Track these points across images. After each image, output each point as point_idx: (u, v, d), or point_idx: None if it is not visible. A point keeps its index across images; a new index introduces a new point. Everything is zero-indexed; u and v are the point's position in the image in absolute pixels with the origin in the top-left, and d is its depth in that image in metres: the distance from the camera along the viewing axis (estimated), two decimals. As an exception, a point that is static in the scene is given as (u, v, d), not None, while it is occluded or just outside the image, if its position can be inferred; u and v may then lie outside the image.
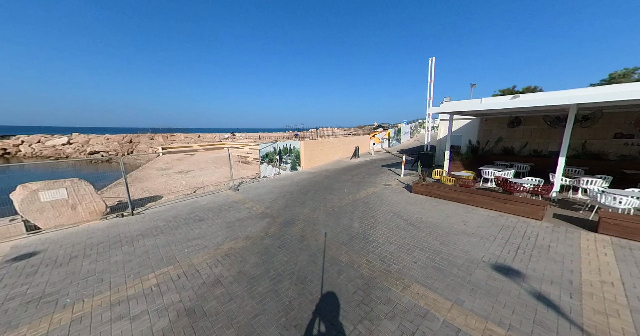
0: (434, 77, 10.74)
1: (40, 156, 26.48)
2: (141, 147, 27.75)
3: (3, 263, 4.04)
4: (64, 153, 26.86)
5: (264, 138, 35.29)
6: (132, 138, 30.28)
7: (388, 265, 3.51)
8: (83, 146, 27.96)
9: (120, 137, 30.32)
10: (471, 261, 3.51)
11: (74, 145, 28.29)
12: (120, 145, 27.73)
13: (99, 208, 6.12)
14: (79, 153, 26.56)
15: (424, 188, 6.65)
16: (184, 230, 5.20)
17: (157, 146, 27.47)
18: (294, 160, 11.68)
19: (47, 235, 5.16)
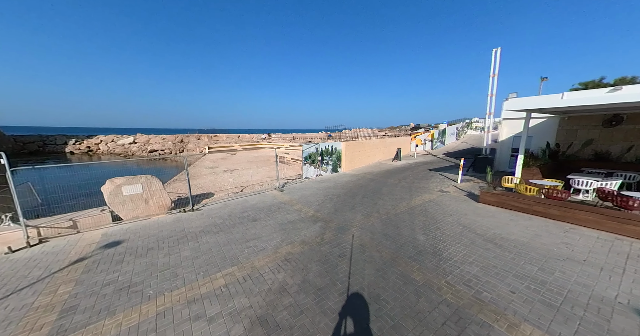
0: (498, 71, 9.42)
1: (114, 153, 31.13)
2: (190, 146, 30.63)
3: (97, 249, 4.58)
4: (130, 151, 31.12)
5: (298, 138, 36.02)
6: (182, 138, 33.66)
7: (477, 292, 2.98)
8: (145, 145, 32.02)
9: (174, 137, 33.95)
10: (600, 301, 2.76)
11: (138, 144, 32.60)
12: (173, 144, 31.04)
13: (166, 203, 6.69)
14: (142, 151, 30.49)
15: (496, 198, 5.76)
16: (240, 229, 5.32)
17: (204, 146, 30.05)
18: (335, 161, 11.46)
19: (128, 225, 5.77)
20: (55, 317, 2.94)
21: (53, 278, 3.72)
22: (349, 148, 11.85)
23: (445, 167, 12.52)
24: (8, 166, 4.61)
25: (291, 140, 33.61)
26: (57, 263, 4.13)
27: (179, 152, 29.26)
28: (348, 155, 11.83)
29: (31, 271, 3.91)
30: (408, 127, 49.19)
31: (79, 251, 4.55)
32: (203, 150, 29.18)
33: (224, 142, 30.91)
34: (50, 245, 4.82)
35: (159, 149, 29.96)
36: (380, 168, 12.39)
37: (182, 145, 31.14)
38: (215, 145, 25.84)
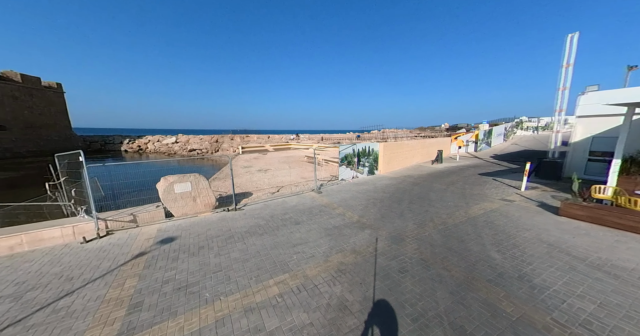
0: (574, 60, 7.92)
1: (159, 152, 34.35)
2: (224, 146, 32.40)
3: (155, 245, 4.79)
4: (173, 150, 34.02)
5: (326, 139, 35.89)
6: (217, 139, 35.80)
7: (604, 340, 2.32)
8: (185, 144, 34.76)
9: (210, 137, 36.29)
10: None
11: (179, 143, 35.53)
12: (210, 144, 33.16)
13: (211, 201, 6.89)
14: (182, 150, 33.13)
15: (587, 211, 4.74)
16: (285, 232, 5.17)
17: (237, 146, 31.54)
18: (371, 163, 10.91)
19: (178, 222, 6.02)
20: (124, 313, 3.02)
21: (120, 271, 3.92)
22: (386, 149, 11.20)
23: (497, 171, 11.13)
24: (85, 163, 5.07)
25: (319, 141, 33.60)
26: (122, 256, 4.39)
27: (215, 152, 31.12)
28: (386, 156, 11.18)
29: (101, 263, 4.18)
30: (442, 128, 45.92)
31: (139, 245, 4.81)
32: (236, 150, 30.66)
33: (255, 142, 32.08)
34: (116, 237, 5.19)
35: (197, 148, 32.25)
36: (420, 171, 11.50)
37: (217, 145, 33.09)
38: (248, 145, 26.91)
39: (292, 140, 34.72)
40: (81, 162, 5.10)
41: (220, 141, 34.40)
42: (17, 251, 4.62)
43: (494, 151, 18.42)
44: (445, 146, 16.73)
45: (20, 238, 4.65)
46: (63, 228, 5.00)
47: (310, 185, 9.87)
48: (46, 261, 4.23)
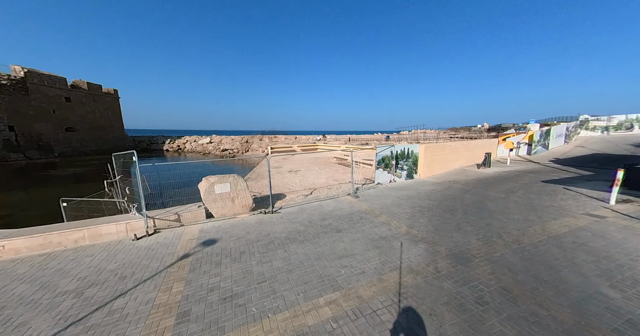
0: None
1: (195, 151, 36.86)
2: (254, 146, 33.53)
3: (198, 246, 4.77)
4: (207, 149, 36.23)
5: (353, 140, 35.10)
6: (247, 139, 37.24)
7: None
8: (218, 144, 36.81)
9: (240, 138, 37.91)
10: None
11: (213, 143, 37.74)
12: (240, 145, 34.62)
13: (248, 203, 6.83)
14: (216, 150, 35.09)
15: None
16: (327, 240, 4.79)
17: (265, 146, 32.41)
18: (410, 166, 10.07)
19: (218, 223, 6.02)
20: (173, 322, 2.89)
21: (167, 273, 3.90)
22: (427, 151, 10.25)
23: (565, 178, 9.48)
24: (137, 162, 5.29)
25: (346, 142, 32.96)
26: (168, 257, 4.41)
27: (245, 152, 32.37)
28: (426, 159, 10.24)
29: (150, 262, 4.23)
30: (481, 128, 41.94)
31: (183, 246, 4.83)
32: (265, 150, 31.50)
33: (283, 143, 32.63)
34: (162, 236, 5.32)
35: (229, 148, 33.90)
36: (466, 177, 10.31)
37: (247, 145, 34.41)
38: (276, 145, 27.41)
39: (318, 141, 34.63)
40: (134, 162, 5.33)
41: (250, 141, 35.71)
42: (80, 244, 4.95)
43: (553, 154, 15.97)
44: (491, 148, 14.98)
45: (83, 233, 4.98)
46: (117, 224, 5.26)
47: (344, 188, 9.42)
48: (103, 257, 4.42)
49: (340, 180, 11.70)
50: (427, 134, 37.32)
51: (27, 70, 25.56)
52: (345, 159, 18.11)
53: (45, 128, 27.46)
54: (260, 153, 31.11)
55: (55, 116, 28.42)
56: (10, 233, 4.61)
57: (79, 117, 31.27)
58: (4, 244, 4.43)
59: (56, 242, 4.78)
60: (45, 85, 27.24)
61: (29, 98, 25.70)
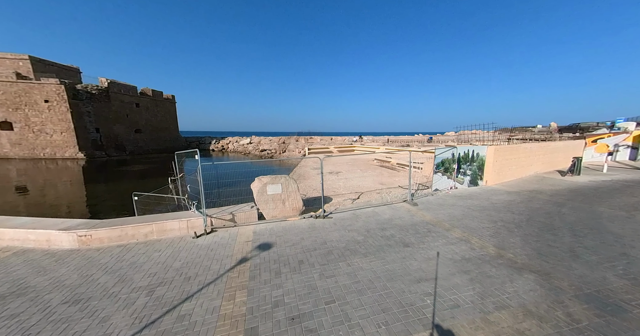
0: None
1: (237, 151, 39.31)
2: (290, 147, 34.26)
3: (254, 250, 4.58)
4: (247, 149, 38.30)
5: (392, 141, 33.28)
6: (284, 140, 38.30)
7: None
8: (257, 145, 38.65)
9: (278, 139, 39.19)
10: None
11: (253, 144, 39.79)
12: (278, 145, 35.74)
13: (299, 205, 6.54)
14: (255, 151, 36.88)
15: None
16: (395, 256, 4.13)
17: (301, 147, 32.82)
18: (475, 171, 8.69)
19: (270, 225, 5.84)
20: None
21: (228, 278, 3.72)
22: (498, 154, 8.72)
23: None
24: (199, 161, 5.39)
25: (385, 143, 31.37)
26: (227, 259, 4.28)
27: (282, 152, 33.25)
28: (496, 163, 8.72)
29: (211, 264, 4.15)
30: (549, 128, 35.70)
31: (240, 248, 4.69)
32: (301, 151, 31.89)
33: (319, 144, 32.60)
34: (219, 236, 5.31)
35: (267, 149, 35.27)
36: (551, 186, 8.46)
37: (284, 146, 35.35)
38: (313, 146, 27.44)
39: (355, 142, 33.72)
40: (197, 160, 5.44)
41: (287, 142, 36.62)
42: (149, 238, 5.21)
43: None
44: (576, 152, 12.28)
45: (152, 227, 5.24)
46: (180, 221, 5.42)
47: (395, 193, 8.57)
48: (169, 254, 4.51)
49: (387, 184, 10.82)
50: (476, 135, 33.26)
51: (109, 81, 30.48)
52: (388, 161, 16.99)
53: (121, 130, 32.34)
54: (297, 153, 31.58)
55: (128, 119, 33.27)
56: (96, 224, 5.07)
57: (145, 120, 36.09)
58: (91, 233, 4.86)
59: (130, 234, 5.11)
60: (122, 93, 32.12)
61: (110, 104, 30.58)
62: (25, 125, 25.87)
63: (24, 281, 3.72)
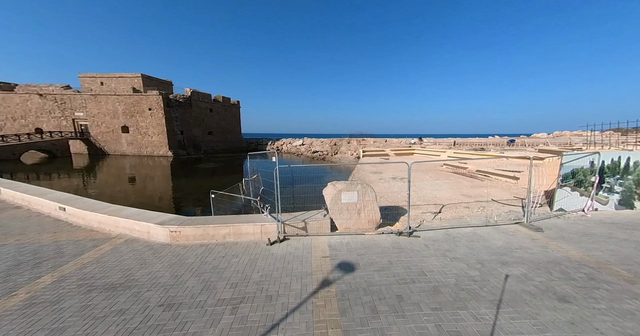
0: None
1: (290, 152, 41.02)
2: (342, 149, 33.61)
3: (335, 271, 3.89)
4: (300, 151, 39.48)
5: (459, 144, 28.89)
6: (336, 142, 37.94)
7: None
8: (309, 147, 39.45)
9: (329, 140, 39.13)
10: None
11: (305, 145, 40.84)
12: (330, 147, 35.61)
13: (375, 218, 5.63)
14: (307, 152, 37.68)
15: None
16: (553, 317, 2.76)
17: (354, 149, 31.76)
18: (630, 187, 6.04)
19: (345, 238, 5.11)
20: None
21: (314, 307, 3.10)
22: (674, 164, 5.83)
23: None
24: (277, 163, 5.09)
25: (451, 146, 27.41)
26: (307, 278, 3.71)
27: (334, 154, 32.90)
28: (671, 178, 5.84)
29: (291, 282, 3.64)
30: None
31: (318, 265, 4.08)
32: (354, 153, 30.86)
33: (372, 146, 30.91)
34: (292, 246, 4.87)
35: (319, 150, 35.54)
36: None
37: (336, 147, 34.98)
38: (368, 149, 26.03)
39: (414, 144, 30.65)
40: (274, 162, 5.16)
41: (338, 144, 36.14)
42: (227, 240, 5.18)
43: None
44: None
45: (229, 229, 5.19)
46: (254, 225, 5.23)
47: (492, 209, 6.73)
48: (247, 262, 4.25)
49: (473, 196, 8.82)
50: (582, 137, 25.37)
51: (192, 90, 36.11)
52: (463, 168, 14.35)
53: (198, 133, 37.91)
54: (349, 156, 30.71)
55: (204, 123, 38.75)
56: (183, 221, 5.31)
57: (216, 124, 41.40)
58: (180, 230, 5.08)
59: (211, 234, 5.16)
60: (200, 100, 37.62)
61: (191, 110, 36.19)
62: (136, 129, 32.92)
63: (130, 273, 3.94)
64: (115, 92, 32.05)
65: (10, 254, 4.48)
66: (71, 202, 6.37)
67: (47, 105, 32.40)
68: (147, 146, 33.06)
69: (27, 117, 32.61)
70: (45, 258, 4.36)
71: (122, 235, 5.40)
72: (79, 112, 32.70)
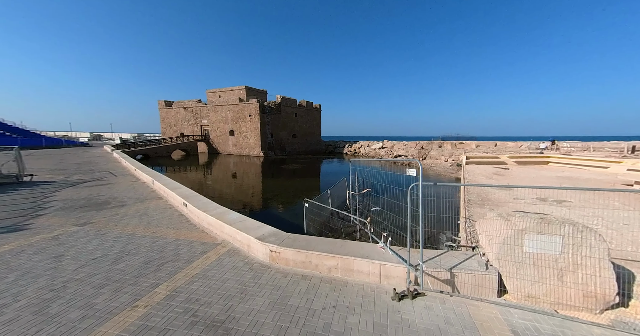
0: None
1: (368, 156, 38.88)
2: (432, 153, 28.56)
3: None
4: (379, 154, 36.69)
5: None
6: (423, 145, 32.89)
7: None
8: (390, 150, 36.06)
9: (415, 144, 34.44)
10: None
11: (385, 149, 37.70)
12: (416, 151, 31.16)
13: (605, 293, 2.99)
14: (388, 156, 34.49)
15: None
16: None
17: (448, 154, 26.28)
18: None
19: (539, 321, 2.82)
20: None
21: None
22: None
23: None
24: (420, 179, 3.40)
25: (626, 154, 17.91)
26: None
27: (422, 159, 28.41)
28: None
29: None
30: None
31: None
32: (448, 159, 25.52)
33: (476, 151, 24.54)
34: (436, 312, 3.05)
35: (402, 154, 31.74)
36: None
37: (423, 152, 30.22)
38: (474, 155, 20.57)
39: (544, 149, 22.19)
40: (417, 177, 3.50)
41: (427, 148, 31.12)
42: (333, 275, 3.94)
43: None
44: None
45: (336, 261, 3.93)
46: (371, 263, 3.74)
47: None
48: (371, 330, 2.78)
49: None
50: None
51: (282, 97, 40.17)
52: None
53: (283, 135, 41.78)
54: (443, 162, 25.62)
55: (289, 127, 42.38)
56: (283, 239, 4.47)
57: (299, 127, 44.51)
58: (280, 252, 4.24)
59: (314, 264, 4.06)
60: (287, 106, 41.34)
61: (280, 115, 40.25)
62: (239, 133, 39.60)
63: (230, 305, 3.24)
64: (227, 102, 39.63)
65: (146, 247, 4.81)
66: (191, 199, 6.91)
67: (187, 116, 43.84)
68: (245, 147, 39.11)
69: (176, 124, 45.29)
70: (166, 259, 4.38)
71: (225, 242, 5.15)
72: (204, 120, 42.45)
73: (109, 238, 5.16)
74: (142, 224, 6.02)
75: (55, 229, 5.59)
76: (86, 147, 37.95)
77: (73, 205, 7.50)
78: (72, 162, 18.82)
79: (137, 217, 6.57)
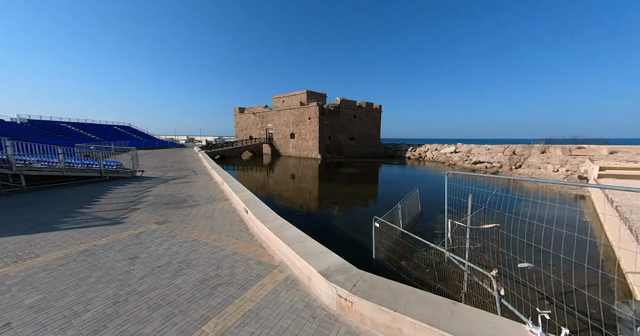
0: None
1: (437, 161, 33.74)
2: (532, 160, 22.02)
3: None
4: (452, 160, 31.21)
5: None
6: (515, 149, 25.96)
7: None
8: (466, 155, 30.14)
9: (502, 148, 27.65)
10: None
11: (459, 153, 31.85)
12: (504, 157, 24.85)
13: None
14: (463, 162, 28.87)
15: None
16: None
17: (560, 163, 19.56)
18: None
19: None
20: None
21: None
22: None
23: None
24: None
25: None
26: None
27: (515, 168, 22.31)
28: None
29: None
30: None
31: None
32: (560, 169, 18.99)
33: (610, 160, 17.26)
34: None
35: (485, 161, 25.87)
36: None
37: (516, 158, 23.73)
38: (610, 165, 14.36)
39: None
40: None
41: (521, 153, 24.35)
42: None
43: None
44: None
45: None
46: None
47: None
48: None
49: None
50: None
51: (341, 99, 39.61)
52: None
53: (341, 138, 41.05)
54: (550, 172, 19.24)
55: (347, 129, 41.38)
56: (356, 280, 3.28)
57: (358, 129, 42.94)
58: (352, 301, 3.06)
59: (397, 327, 2.70)
60: (346, 108, 40.44)
61: (338, 118, 39.74)
62: (299, 135, 41.23)
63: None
64: (289, 107, 41.90)
65: (205, 259, 4.51)
66: (251, 205, 6.60)
67: (255, 120, 48.80)
68: (304, 149, 40.34)
69: (247, 128, 51.11)
70: (221, 279, 3.88)
71: (283, 265, 4.37)
72: (269, 124, 46.23)
73: (177, 242, 5.17)
74: (206, 229, 5.98)
75: (140, 226, 6.11)
76: (182, 148, 47.14)
77: (160, 201, 8.44)
78: (171, 160, 23.06)
79: (204, 219, 6.68)
